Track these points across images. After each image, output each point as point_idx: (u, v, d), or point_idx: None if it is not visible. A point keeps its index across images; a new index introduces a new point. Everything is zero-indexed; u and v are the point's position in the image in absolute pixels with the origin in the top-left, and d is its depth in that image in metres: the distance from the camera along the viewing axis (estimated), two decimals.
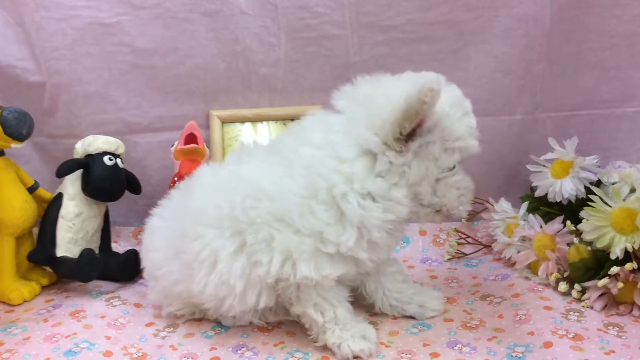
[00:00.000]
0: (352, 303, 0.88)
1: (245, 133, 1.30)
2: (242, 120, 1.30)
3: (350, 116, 0.82)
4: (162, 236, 0.94)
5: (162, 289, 0.96)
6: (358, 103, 0.82)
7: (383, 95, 0.79)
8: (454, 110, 0.80)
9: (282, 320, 0.95)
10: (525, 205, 1.15)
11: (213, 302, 0.88)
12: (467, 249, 1.24)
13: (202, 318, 0.98)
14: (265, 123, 1.30)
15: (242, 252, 0.82)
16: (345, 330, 0.84)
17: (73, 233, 1.12)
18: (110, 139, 1.16)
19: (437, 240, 1.27)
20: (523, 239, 1.10)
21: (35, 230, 1.16)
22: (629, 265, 0.90)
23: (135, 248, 1.18)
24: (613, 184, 1.02)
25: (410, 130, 0.76)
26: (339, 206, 0.78)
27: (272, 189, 0.80)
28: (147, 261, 0.98)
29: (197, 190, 0.90)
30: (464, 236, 1.25)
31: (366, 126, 0.79)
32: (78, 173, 1.15)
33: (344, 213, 0.78)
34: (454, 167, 0.82)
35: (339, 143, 0.80)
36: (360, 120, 0.80)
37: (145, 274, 1.01)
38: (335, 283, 0.84)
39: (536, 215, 1.08)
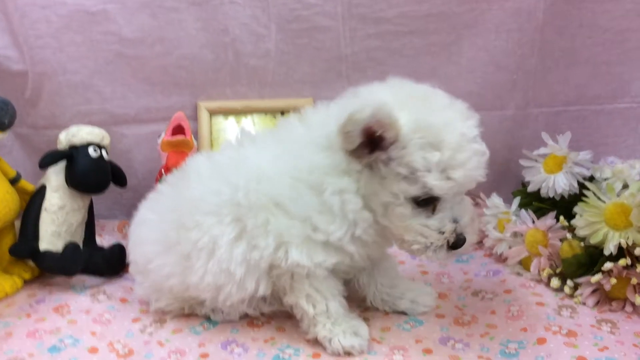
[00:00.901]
0: (345, 298, 0.87)
1: (230, 128, 1.28)
2: (231, 112, 1.28)
3: (343, 106, 0.79)
4: (153, 229, 0.91)
5: (152, 284, 0.93)
6: (353, 96, 0.80)
7: (366, 95, 0.77)
8: (418, 135, 0.72)
9: (274, 314, 0.93)
10: (517, 200, 1.14)
11: (210, 293, 0.86)
12: None
13: (191, 314, 0.96)
14: (249, 118, 1.28)
15: (243, 238, 0.81)
16: (337, 325, 0.83)
17: (56, 226, 1.10)
18: (95, 129, 1.14)
19: None
20: (515, 234, 1.10)
21: (18, 223, 1.13)
22: (622, 261, 0.90)
23: (121, 242, 1.16)
24: (605, 179, 1.02)
25: (361, 144, 0.73)
26: (322, 194, 0.77)
27: (271, 170, 0.79)
28: (136, 255, 0.95)
29: (192, 179, 0.88)
30: None
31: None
32: (62, 164, 1.12)
33: (326, 202, 0.77)
34: (410, 198, 0.74)
35: (323, 128, 0.78)
36: (344, 112, 0.74)
37: (131, 269, 0.98)
38: (328, 274, 0.82)
39: (528, 210, 1.07)
